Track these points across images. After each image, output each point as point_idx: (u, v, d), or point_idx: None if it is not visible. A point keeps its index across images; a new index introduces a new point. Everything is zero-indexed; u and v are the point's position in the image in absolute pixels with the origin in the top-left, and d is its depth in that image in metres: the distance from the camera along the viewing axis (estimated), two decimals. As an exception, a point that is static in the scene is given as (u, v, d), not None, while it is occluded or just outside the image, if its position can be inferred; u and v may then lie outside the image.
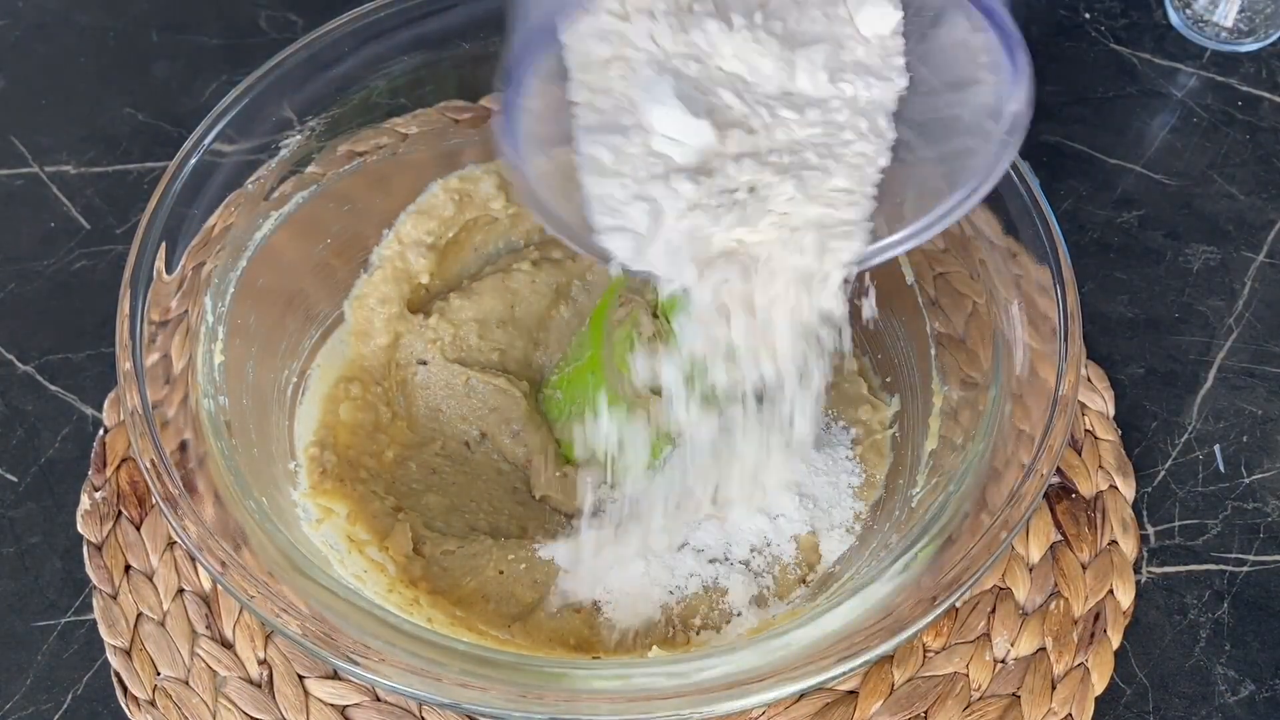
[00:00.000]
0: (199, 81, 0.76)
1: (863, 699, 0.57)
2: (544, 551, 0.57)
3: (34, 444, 0.64)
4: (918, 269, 0.60)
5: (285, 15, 0.79)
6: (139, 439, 0.49)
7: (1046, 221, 0.54)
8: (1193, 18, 0.79)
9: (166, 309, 0.53)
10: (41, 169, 0.73)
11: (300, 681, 0.57)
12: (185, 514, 0.48)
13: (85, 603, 0.59)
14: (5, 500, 0.62)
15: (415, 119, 0.62)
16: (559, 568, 0.57)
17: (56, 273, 0.69)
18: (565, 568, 0.57)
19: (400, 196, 0.64)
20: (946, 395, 0.57)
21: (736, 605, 0.57)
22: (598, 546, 0.57)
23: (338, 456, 0.59)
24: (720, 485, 0.57)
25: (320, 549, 0.54)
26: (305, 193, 0.60)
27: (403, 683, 0.45)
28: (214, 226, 0.56)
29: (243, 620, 0.58)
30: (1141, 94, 0.77)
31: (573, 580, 0.57)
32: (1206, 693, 0.58)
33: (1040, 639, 0.58)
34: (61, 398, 0.65)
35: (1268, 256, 0.71)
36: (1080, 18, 0.80)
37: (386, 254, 0.63)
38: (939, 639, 0.58)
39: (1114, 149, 0.75)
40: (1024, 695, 0.57)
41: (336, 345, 0.63)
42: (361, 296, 0.63)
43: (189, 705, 0.56)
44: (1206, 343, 0.68)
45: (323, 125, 0.59)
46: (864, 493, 0.60)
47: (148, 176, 0.72)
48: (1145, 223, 0.72)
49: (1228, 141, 0.75)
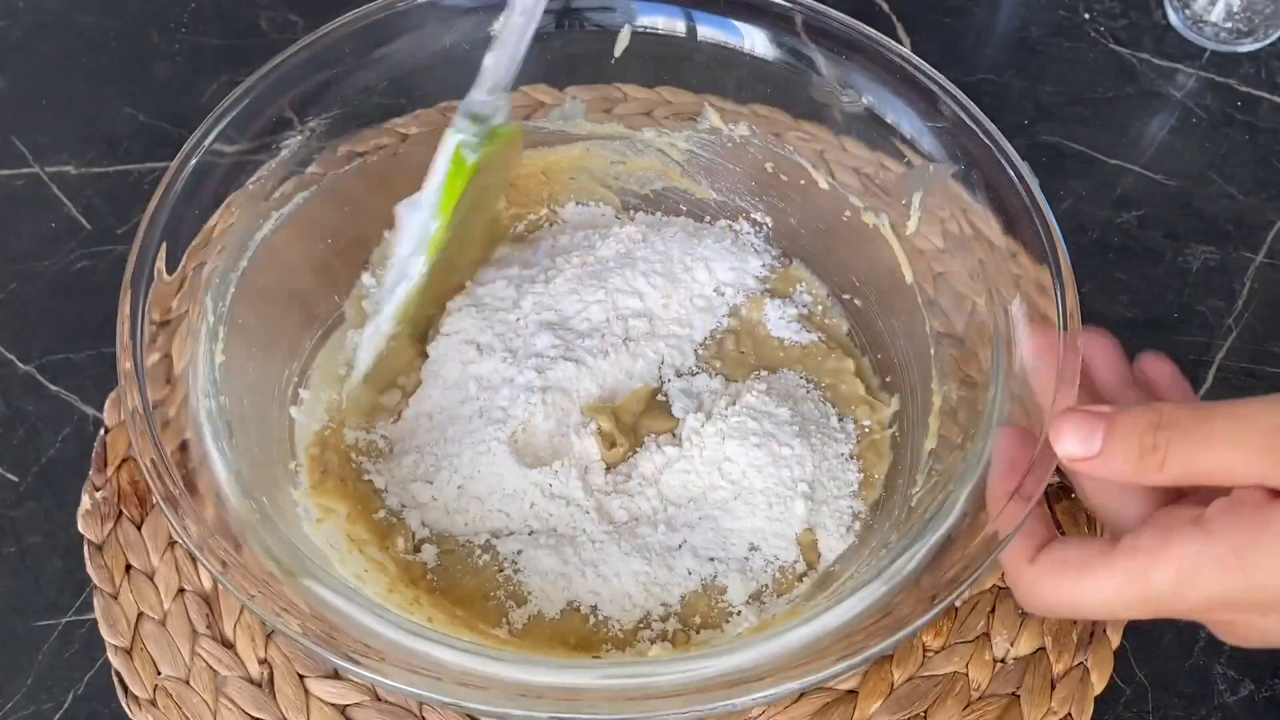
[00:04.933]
0: (199, 81, 0.76)
1: (862, 698, 0.57)
2: (544, 551, 0.58)
3: (35, 444, 0.64)
4: (917, 269, 0.60)
5: (285, 15, 0.79)
6: (140, 439, 0.49)
7: (1046, 221, 0.54)
8: (1192, 18, 0.79)
9: (167, 309, 0.53)
10: (42, 169, 0.73)
11: (301, 681, 0.57)
12: (186, 513, 0.48)
13: (86, 602, 0.59)
14: (6, 500, 0.62)
15: (415, 119, 0.62)
16: (559, 567, 0.57)
17: (57, 273, 0.69)
18: (564, 567, 0.57)
19: (400, 196, 0.63)
20: (946, 395, 0.57)
21: (735, 603, 0.57)
22: (597, 546, 0.57)
23: (338, 456, 0.59)
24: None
25: (320, 549, 0.54)
26: (305, 193, 0.60)
27: (403, 682, 0.45)
28: (214, 226, 0.56)
29: (243, 620, 0.58)
30: (1141, 94, 0.77)
31: (571, 579, 0.57)
32: (1206, 692, 0.58)
33: (1040, 639, 0.58)
34: (62, 398, 0.65)
35: (1267, 256, 0.71)
36: (1080, 18, 0.80)
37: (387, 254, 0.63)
38: (939, 638, 0.58)
39: (1114, 149, 0.75)
40: (1023, 695, 0.57)
41: (336, 345, 0.63)
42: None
43: (189, 705, 0.56)
44: (1206, 343, 0.68)
45: (323, 125, 0.59)
46: (864, 492, 0.60)
47: (148, 176, 0.72)
48: (1145, 223, 0.72)
49: (1227, 142, 0.75)
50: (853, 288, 0.65)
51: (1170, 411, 0.44)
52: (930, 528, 0.50)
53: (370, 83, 0.60)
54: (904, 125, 0.58)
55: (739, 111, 0.63)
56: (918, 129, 0.58)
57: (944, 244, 0.58)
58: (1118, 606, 0.44)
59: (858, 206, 0.62)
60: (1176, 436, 0.43)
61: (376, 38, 0.59)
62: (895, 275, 0.61)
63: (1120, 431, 0.44)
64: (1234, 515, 0.42)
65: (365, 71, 0.59)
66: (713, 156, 0.66)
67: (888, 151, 0.59)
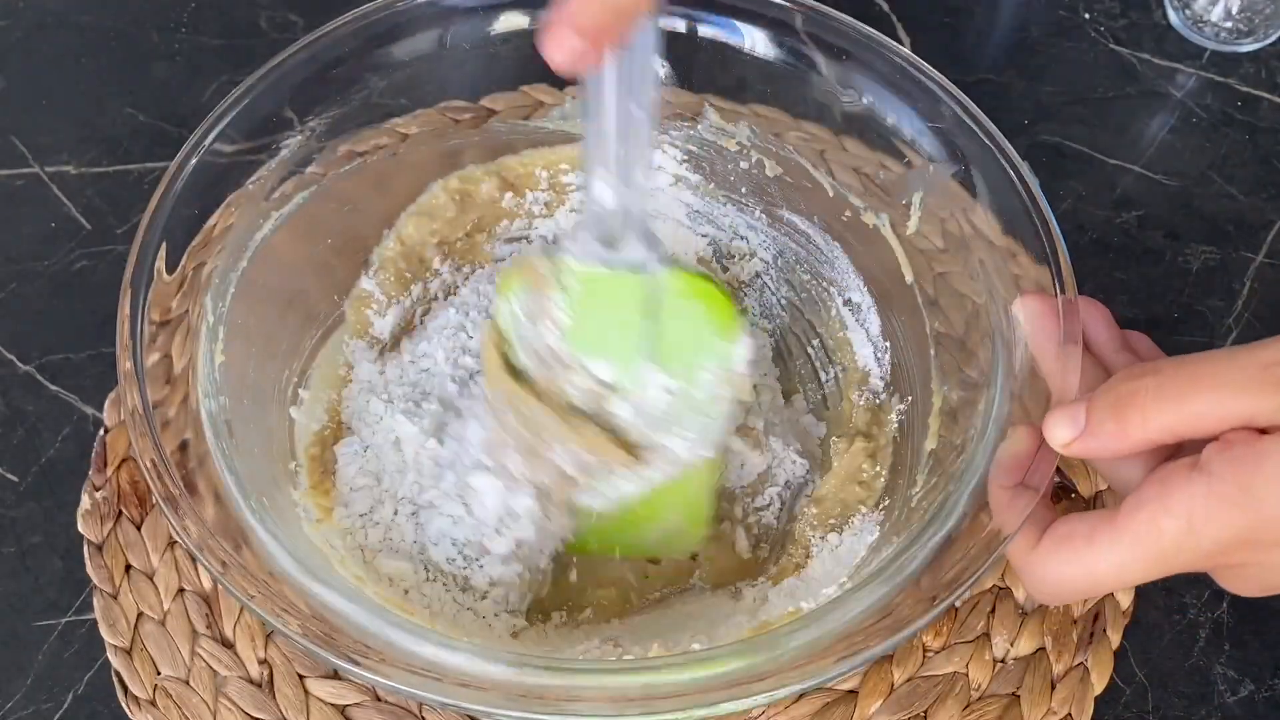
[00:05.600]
0: (199, 81, 0.76)
1: (862, 698, 0.57)
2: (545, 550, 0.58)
3: (34, 444, 0.64)
4: (917, 269, 0.60)
5: (285, 15, 0.79)
6: (139, 439, 0.49)
7: (1046, 221, 0.54)
8: (1192, 18, 0.79)
9: (167, 309, 0.53)
10: (42, 169, 0.73)
11: (300, 681, 0.57)
12: (186, 514, 0.48)
13: (86, 602, 0.59)
14: (6, 500, 0.62)
15: (415, 119, 0.62)
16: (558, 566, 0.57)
17: (57, 273, 0.69)
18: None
19: (400, 196, 0.64)
20: (946, 395, 0.57)
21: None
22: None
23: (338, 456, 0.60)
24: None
25: (320, 549, 0.54)
26: (305, 193, 0.60)
27: (403, 683, 0.45)
28: (214, 226, 0.56)
29: (243, 620, 0.58)
30: (1141, 94, 0.77)
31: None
32: (1206, 692, 0.58)
33: (1040, 639, 0.58)
34: (62, 398, 0.65)
35: (1267, 256, 0.71)
36: (1080, 18, 0.80)
37: (387, 255, 0.63)
38: (939, 639, 0.58)
39: (1114, 149, 0.75)
40: (1023, 695, 0.57)
41: (336, 345, 0.63)
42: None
43: (189, 705, 0.56)
44: (1206, 343, 0.68)
45: (323, 125, 0.59)
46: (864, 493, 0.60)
47: (148, 176, 0.72)
48: (1145, 223, 0.72)
49: (1227, 142, 0.75)
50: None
51: (1148, 365, 0.44)
52: (930, 528, 0.50)
53: (370, 83, 0.60)
54: (904, 125, 0.58)
55: (739, 111, 0.63)
56: (918, 129, 0.58)
57: (944, 244, 0.58)
58: (1132, 568, 0.43)
59: (858, 206, 0.62)
60: (1154, 385, 0.43)
61: (376, 38, 0.59)
62: (895, 275, 0.61)
63: (1099, 397, 0.44)
64: (1230, 453, 0.41)
65: (365, 71, 0.59)
66: (713, 156, 0.66)
67: (888, 151, 0.59)
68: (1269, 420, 0.41)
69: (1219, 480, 0.41)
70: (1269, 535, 0.42)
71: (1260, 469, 0.41)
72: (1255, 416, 0.41)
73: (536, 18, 0.60)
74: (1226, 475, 0.41)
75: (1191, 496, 0.41)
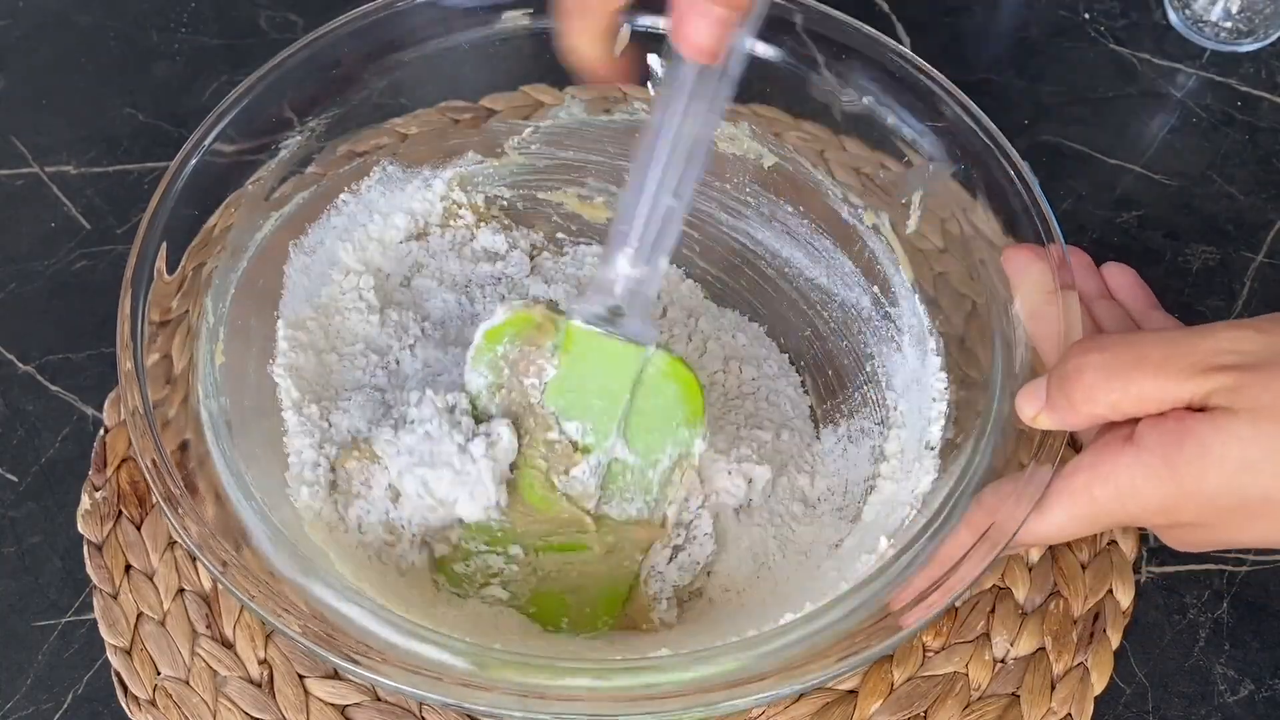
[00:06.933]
0: (199, 81, 0.76)
1: (862, 698, 0.57)
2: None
3: (34, 444, 0.64)
4: (918, 269, 0.60)
5: (285, 15, 0.79)
6: (140, 439, 0.49)
7: (1046, 221, 0.54)
8: (1192, 18, 0.79)
9: (167, 309, 0.53)
10: (42, 169, 0.73)
11: (300, 681, 0.57)
12: (186, 514, 0.48)
13: (85, 602, 0.59)
14: (5, 500, 0.62)
15: (415, 119, 0.63)
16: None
17: (57, 273, 0.69)
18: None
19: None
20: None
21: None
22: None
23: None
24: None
25: (320, 549, 0.54)
26: (305, 193, 0.60)
27: (403, 683, 0.45)
28: (214, 226, 0.56)
29: (243, 620, 0.58)
30: (1141, 94, 0.77)
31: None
32: (1206, 692, 0.58)
33: (1040, 639, 0.58)
34: (62, 398, 0.65)
35: (1267, 256, 0.71)
36: (1080, 18, 0.80)
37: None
38: (939, 639, 0.58)
39: (1114, 149, 0.75)
40: (1023, 695, 0.57)
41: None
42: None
43: (189, 705, 0.56)
44: (1206, 343, 0.68)
45: (323, 125, 0.59)
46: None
47: (148, 176, 0.72)
48: (1145, 223, 0.72)
49: (1227, 142, 0.75)
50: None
51: (1099, 339, 0.47)
52: (931, 528, 0.50)
53: (370, 82, 0.60)
54: (904, 125, 0.58)
55: (739, 111, 0.63)
56: (918, 129, 0.58)
57: (944, 244, 0.58)
58: (1068, 527, 0.47)
59: (857, 206, 0.62)
60: (1100, 364, 0.45)
61: (376, 38, 0.59)
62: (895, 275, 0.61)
63: (1053, 373, 0.47)
64: (1159, 427, 0.44)
65: (365, 71, 0.59)
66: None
67: (888, 151, 0.59)
68: (1204, 403, 0.44)
69: (1146, 452, 0.44)
70: (1189, 506, 0.44)
71: (1183, 446, 0.44)
72: (1193, 399, 0.44)
73: (536, 18, 0.60)
74: (1155, 449, 0.44)
75: (1121, 466, 0.45)
